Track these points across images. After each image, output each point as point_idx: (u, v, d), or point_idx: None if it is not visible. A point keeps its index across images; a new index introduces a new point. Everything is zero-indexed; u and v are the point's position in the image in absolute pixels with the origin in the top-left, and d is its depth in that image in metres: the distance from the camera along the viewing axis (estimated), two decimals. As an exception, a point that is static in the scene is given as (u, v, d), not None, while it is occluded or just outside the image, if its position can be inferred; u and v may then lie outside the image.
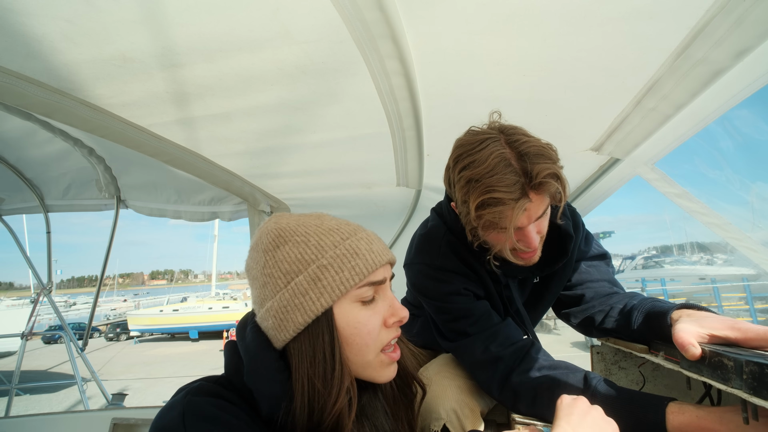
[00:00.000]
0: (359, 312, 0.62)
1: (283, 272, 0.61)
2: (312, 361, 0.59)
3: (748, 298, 11.15)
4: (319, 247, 0.62)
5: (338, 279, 0.60)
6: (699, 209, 1.38)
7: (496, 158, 0.78)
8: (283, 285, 0.61)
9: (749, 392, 0.58)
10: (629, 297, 1.03)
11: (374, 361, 0.64)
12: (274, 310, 0.61)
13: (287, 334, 0.60)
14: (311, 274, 0.60)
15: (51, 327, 20.24)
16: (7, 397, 3.29)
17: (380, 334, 0.63)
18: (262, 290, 0.63)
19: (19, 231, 3.22)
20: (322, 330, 0.60)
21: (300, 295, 0.60)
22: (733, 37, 0.81)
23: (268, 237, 0.65)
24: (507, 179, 0.77)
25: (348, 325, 0.61)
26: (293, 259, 0.61)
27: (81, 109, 1.18)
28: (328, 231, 0.64)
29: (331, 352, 0.60)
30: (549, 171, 0.78)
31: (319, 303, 0.59)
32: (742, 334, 0.69)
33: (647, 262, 19.48)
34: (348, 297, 0.61)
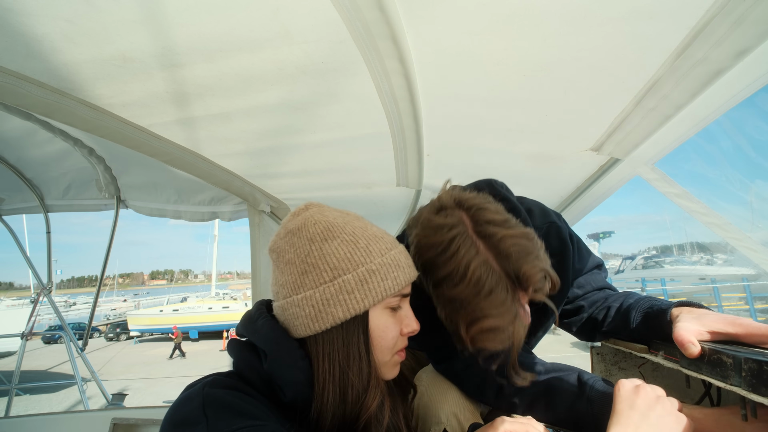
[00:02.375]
0: (388, 318, 0.66)
1: (331, 266, 0.62)
2: (346, 356, 0.61)
3: (748, 298, 11.16)
4: (368, 251, 0.64)
5: (383, 286, 0.63)
6: (699, 209, 1.38)
7: (478, 272, 0.68)
8: (329, 279, 0.62)
9: (748, 389, 0.58)
10: (625, 296, 1.02)
11: (389, 362, 0.68)
12: (314, 300, 0.62)
13: (321, 325, 0.62)
14: (360, 275, 0.63)
15: (51, 327, 20.25)
16: (7, 397, 3.29)
17: (398, 340, 0.68)
18: (300, 277, 0.63)
19: (19, 231, 3.22)
20: (358, 329, 0.63)
21: (346, 292, 0.62)
22: (733, 37, 0.81)
23: (317, 227, 0.65)
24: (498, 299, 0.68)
25: (378, 328, 0.65)
26: (343, 256, 0.63)
27: (81, 109, 1.18)
28: (375, 238, 0.67)
29: (366, 350, 0.63)
30: (540, 274, 0.69)
31: (363, 304, 0.62)
32: (743, 329, 0.69)
33: (647, 262, 19.48)
34: (382, 303, 0.65)
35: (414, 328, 0.69)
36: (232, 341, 0.68)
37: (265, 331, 0.63)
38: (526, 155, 1.60)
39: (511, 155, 1.61)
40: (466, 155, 1.67)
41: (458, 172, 1.84)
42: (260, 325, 0.64)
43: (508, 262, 0.68)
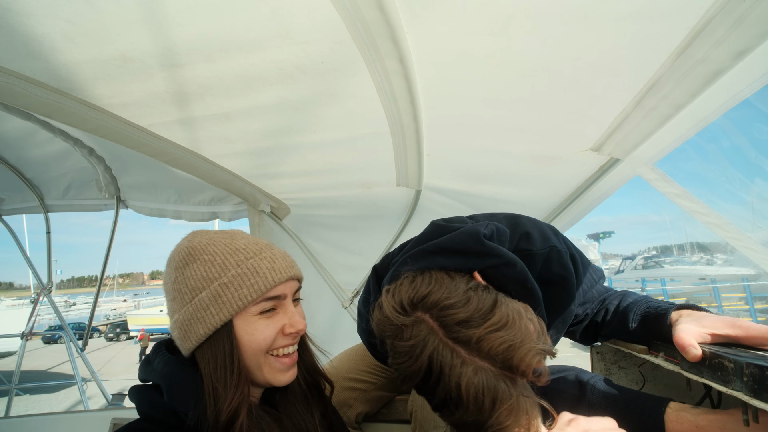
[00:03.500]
0: (258, 322, 0.69)
1: (189, 288, 0.68)
2: (214, 367, 0.66)
3: (748, 298, 11.16)
4: (223, 266, 0.68)
5: (237, 296, 0.67)
6: (699, 209, 1.38)
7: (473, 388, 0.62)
8: (188, 300, 0.67)
9: (750, 394, 0.58)
10: (622, 295, 1.01)
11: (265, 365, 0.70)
12: (179, 322, 0.68)
13: (190, 344, 0.67)
14: (213, 291, 0.67)
15: (51, 327, 20.25)
16: (7, 397, 3.29)
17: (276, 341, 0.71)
18: (171, 303, 0.70)
19: (19, 231, 3.22)
20: (223, 340, 0.67)
21: (202, 309, 0.66)
22: (733, 37, 0.81)
23: (179, 255, 0.71)
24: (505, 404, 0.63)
25: (246, 333, 0.68)
26: (199, 276, 0.68)
27: (81, 109, 1.18)
28: (235, 251, 0.70)
29: (230, 359, 0.66)
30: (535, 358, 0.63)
31: (218, 317, 0.66)
32: (743, 331, 0.69)
33: (647, 262, 19.48)
34: (247, 311, 0.68)
35: (298, 328, 0.72)
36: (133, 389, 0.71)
37: (160, 367, 0.68)
38: (526, 155, 1.60)
39: (511, 155, 1.61)
40: (466, 155, 1.67)
41: (458, 172, 1.84)
42: (156, 364, 0.69)
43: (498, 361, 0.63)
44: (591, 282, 0.97)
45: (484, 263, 0.75)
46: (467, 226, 0.80)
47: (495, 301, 0.67)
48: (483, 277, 0.75)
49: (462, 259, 0.75)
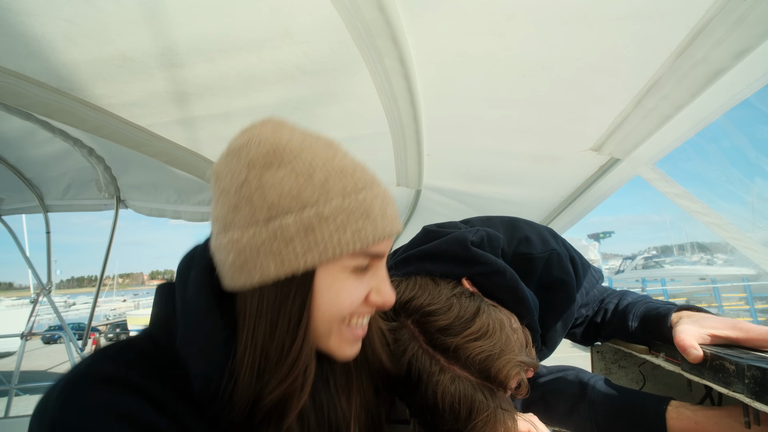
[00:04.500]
0: (347, 281, 0.50)
1: (268, 203, 0.47)
2: (271, 326, 0.47)
3: (749, 298, 11.16)
4: (325, 189, 0.48)
5: (335, 239, 0.47)
6: (699, 209, 1.38)
7: (449, 397, 0.61)
8: (263, 219, 0.46)
9: (751, 397, 0.58)
10: (620, 295, 1.01)
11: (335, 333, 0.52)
12: (241, 245, 0.47)
13: (247, 280, 0.47)
14: (304, 220, 0.46)
15: (51, 327, 20.24)
16: (7, 398, 3.29)
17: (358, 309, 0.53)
18: (231, 212, 0.48)
19: (19, 231, 3.22)
20: (294, 292, 0.48)
21: (282, 240, 0.46)
22: (733, 37, 0.81)
23: (260, 148, 0.49)
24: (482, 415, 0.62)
25: (328, 292, 0.49)
26: (286, 191, 0.47)
27: (81, 109, 1.18)
28: (340, 172, 0.50)
29: (297, 321, 0.48)
30: (514, 370, 0.62)
31: (303, 260, 0.46)
32: (744, 333, 0.69)
33: (647, 262, 19.49)
34: (338, 263, 0.49)
35: (387, 300, 0.54)
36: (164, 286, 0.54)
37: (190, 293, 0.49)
38: (526, 155, 1.60)
39: (511, 155, 1.61)
40: (466, 155, 1.67)
41: (458, 172, 1.84)
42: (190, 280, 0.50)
43: (476, 370, 0.62)
44: (591, 283, 0.97)
45: (472, 270, 0.75)
46: (455, 233, 0.79)
47: (477, 309, 0.66)
48: (473, 284, 0.75)
49: (449, 266, 0.75)
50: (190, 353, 0.47)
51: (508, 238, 0.85)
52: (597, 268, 1.01)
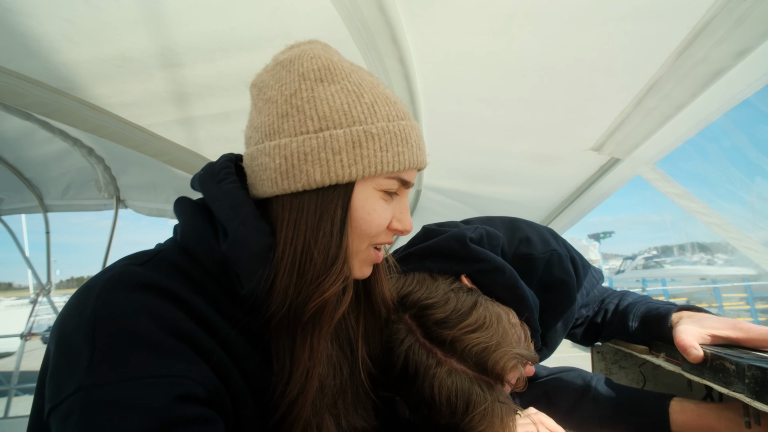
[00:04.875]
0: (377, 201, 0.53)
1: (320, 114, 0.50)
2: (314, 227, 0.50)
3: (749, 299, 11.16)
4: (372, 110, 0.51)
5: (379, 157, 0.50)
6: (699, 209, 1.38)
7: (446, 390, 0.62)
8: (314, 129, 0.49)
9: (751, 396, 0.58)
10: (621, 295, 1.01)
11: (363, 253, 0.56)
12: (289, 150, 0.49)
13: (291, 185, 0.50)
14: (354, 134, 0.49)
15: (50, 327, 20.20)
16: (7, 398, 3.29)
17: (382, 233, 0.56)
18: (279, 120, 0.51)
19: (18, 231, 3.22)
20: (337, 201, 0.51)
21: (330, 150, 0.49)
22: (733, 37, 0.81)
23: (314, 63, 0.52)
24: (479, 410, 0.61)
25: (362, 209, 0.52)
26: (338, 106, 0.50)
27: (80, 108, 1.18)
28: (386, 99, 0.53)
29: (340, 228, 0.51)
30: (512, 362, 0.62)
31: (348, 171, 0.49)
32: (744, 333, 0.69)
33: (648, 262, 19.50)
34: (375, 181, 0.52)
35: (406, 226, 0.57)
36: (184, 200, 0.55)
37: (231, 200, 0.51)
38: (527, 155, 1.60)
39: (511, 155, 1.61)
40: (466, 155, 1.67)
41: (458, 172, 1.84)
42: (227, 190, 0.52)
43: (472, 363, 0.62)
44: (591, 284, 0.97)
45: (471, 267, 0.75)
46: (454, 230, 0.79)
47: (474, 303, 0.67)
48: (472, 281, 0.75)
49: (448, 263, 0.75)
50: (240, 256, 0.49)
51: (509, 238, 0.85)
52: (597, 269, 1.00)
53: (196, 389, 0.43)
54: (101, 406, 0.39)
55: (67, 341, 0.43)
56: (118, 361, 0.40)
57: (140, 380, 0.40)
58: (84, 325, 0.42)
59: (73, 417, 0.39)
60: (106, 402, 0.39)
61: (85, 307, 0.43)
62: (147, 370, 0.41)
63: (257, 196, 0.53)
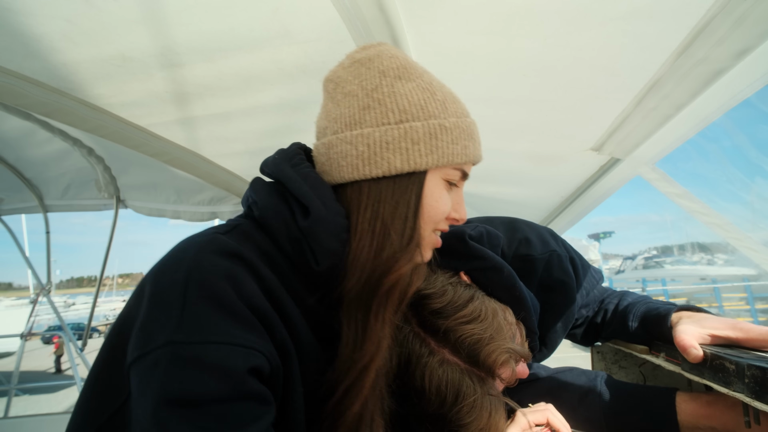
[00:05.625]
0: (443, 190, 0.58)
1: (400, 108, 0.55)
2: (392, 211, 0.54)
3: (749, 299, 11.17)
4: (444, 106, 0.57)
5: (451, 149, 0.56)
6: (700, 209, 1.38)
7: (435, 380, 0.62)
8: (395, 121, 0.55)
9: (751, 396, 0.58)
10: (621, 295, 1.01)
11: (428, 238, 0.60)
12: (372, 139, 0.54)
13: (372, 170, 0.54)
14: (431, 127, 0.55)
15: (50, 327, 20.23)
16: (7, 398, 3.29)
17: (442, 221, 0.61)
18: (361, 112, 0.55)
19: (18, 231, 3.22)
20: (412, 187, 0.55)
21: (410, 140, 0.54)
22: (734, 37, 0.81)
23: (392, 62, 0.58)
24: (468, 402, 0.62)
25: (431, 196, 0.57)
26: (416, 101, 0.55)
27: (80, 108, 1.18)
28: (453, 98, 0.60)
29: (414, 212, 0.55)
30: (503, 357, 0.63)
31: (425, 159, 0.55)
32: (744, 333, 0.69)
33: (648, 262, 19.51)
34: (443, 171, 0.57)
35: (462, 215, 0.62)
36: (258, 180, 0.59)
37: (311, 181, 0.55)
38: (526, 155, 1.60)
39: (511, 155, 1.61)
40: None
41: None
42: (306, 173, 0.56)
43: (464, 354, 0.63)
44: (591, 284, 0.97)
45: (469, 264, 0.75)
46: (454, 227, 0.79)
47: (471, 297, 0.68)
48: (471, 279, 0.75)
49: (446, 259, 0.75)
50: (319, 233, 0.53)
51: (509, 239, 0.85)
52: (597, 269, 1.00)
53: (263, 363, 0.46)
54: (186, 362, 0.41)
55: (161, 295, 0.45)
56: (205, 323, 0.43)
57: (223, 345, 0.43)
58: (178, 282, 0.44)
59: (159, 368, 0.41)
60: (191, 359, 0.42)
61: (180, 266, 0.46)
62: (230, 336, 0.43)
63: (330, 182, 0.57)
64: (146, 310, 0.45)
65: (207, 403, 0.41)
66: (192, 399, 0.41)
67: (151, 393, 0.41)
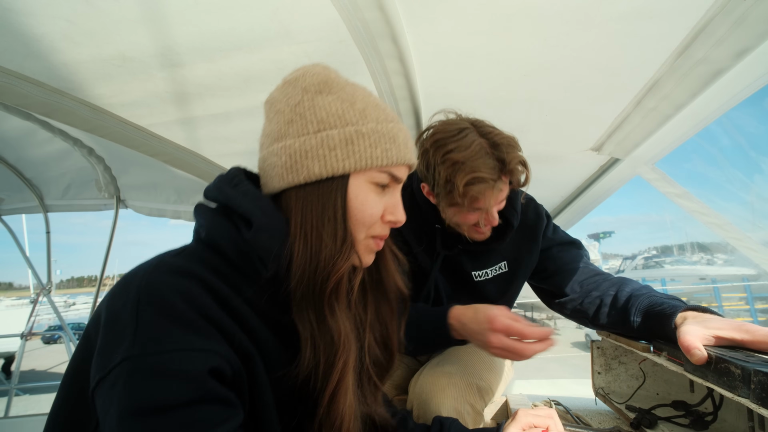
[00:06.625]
0: (370, 193, 0.61)
1: (318, 119, 0.59)
2: (320, 214, 0.58)
3: (749, 298, 11.16)
4: (363, 114, 0.60)
5: (369, 153, 0.59)
6: (699, 209, 1.38)
7: (477, 146, 0.90)
8: (313, 130, 0.58)
9: (757, 402, 0.56)
10: (618, 285, 1.01)
11: (363, 242, 0.63)
12: (292, 149, 0.58)
13: (295, 177, 0.58)
14: (346, 134, 0.58)
15: (50, 327, 20.22)
16: (7, 398, 3.29)
17: (377, 224, 0.63)
18: (285, 126, 0.60)
19: (19, 231, 3.21)
20: (335, 191, 0.59)
21: (326, 147, 0.58)
22: (733, 37, 0.81)
23: (313, 78, 0.62)
24: (489, 163, 0.90)
25: (356, 199, 0.60)
26: (333, 111, 0.59)
27: (81, 108, 1.18)
28: (375, 106, 0.62)
29: (342, 214, 0.58)
30: (519, 159, 0.93)
31: (342, 164, 0.58)
32: (750, 335, 0.68)
33: (647, 262, 19.51)
34: (367, 174, 0.60)
35: (399, 218, 0.65)
36: (200, 206, 0.63)
37: (251, 196, 0.59)
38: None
39: (511, 155, 1.61)
40: (466, 155, 1.67)
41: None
42: (245, 190, 0.60)
43: (497, 148, 0.91)
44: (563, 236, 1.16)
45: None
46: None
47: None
48: None
49: None
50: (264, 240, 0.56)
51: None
52: (575, 237, 1.17)
53: (223, 365, 0.47)
54: (144, 374, 0.43)
55: (114, 318, 0.47)
56: (159, 335, 0.45)
57: (180, 352, 0.44)
58: (129, 304, 0.46)
59: (119, 384, 0.42)
60: (149, 370, 0.43)
61: (130, 289, 0.48)
62: (185, 343, 0.45)
63: (269, 193, 0.62)
64: (102, 335, 0.47)
65: (171, 408, 0.42)
66: (156, 407, 0.41)
67: (114, 410, 0.42)
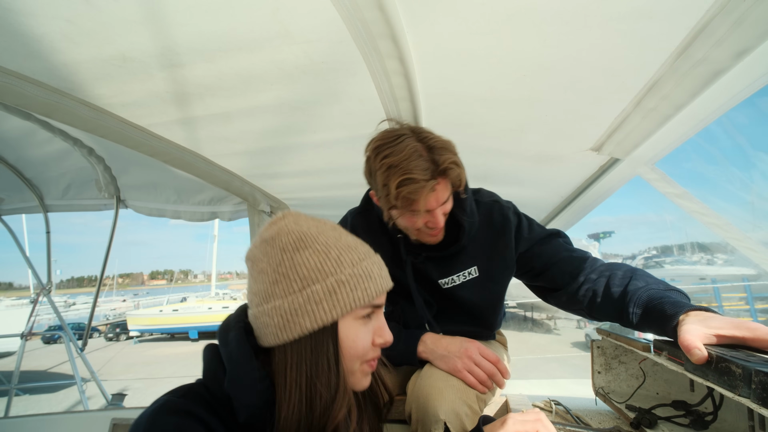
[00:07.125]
0: (359, 328, 0.66)
1: (300, 276, 0.63)
2: (314, 366, 0.62)
3: (749, 298, 11.15)
4: (339, 261, 0.65)
5: (352, 297, 0.64)
6: (699, 209, 1.38)
7: (411, 149, 0.93)
8: (298, 289, 0.63)
9: (758, 402, 0.56)
10: (609, 273, 1.01)
11: (358, 370, 0.68)
12: (282, 309, 0.62)
13: (289, 335, 0.62)
14: (329, 286, 0.63)
15: (50, 327, 20.22)
16: (7, 398, 3.29)
17: (369, 351, 0.69)
18: (271, 287, 0.64)
19: (19, 231, 3.21)
20: (327, 339, 0.63)
21: (314, 303, 0.62)
22: (733, 37, 0.81)
23: (289, 237, 0.66)
24: (422, 165, 0.92)
25: (347, 338, 0.65)
26: (312, 266, 0.64)
27: (81, 109, 1.18)
28: (347, 248, 0.67)
29: (335, 361, 0.63)
30: (451, 159, 0.95)
31: (331, 315, 0.62)
32: (751, 333, 0.68)
33: (647, 263, 19.49)
34: (352, 314, 0.66)
35: (387, 339, 0.70)
36: (209, 346, 0.68)
37: (232, 346, 0.63)
38: (526, 155, 1.60)
39: (511, 155, 1.61)
40: (466, 155, 1.66)
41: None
42: (230, 338, 0.65)
43: (432, 151, 0.94)
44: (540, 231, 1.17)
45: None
46: None
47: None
48: None
49: None
50: (236, 389, 0.60)
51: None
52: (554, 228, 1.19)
53: None
54: None
55: None
56: None
57: None
58: None
59: None
60: None
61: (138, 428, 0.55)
62: None
63: (263, 346, 0.65)
64: None
65: None
66: None
67: None
